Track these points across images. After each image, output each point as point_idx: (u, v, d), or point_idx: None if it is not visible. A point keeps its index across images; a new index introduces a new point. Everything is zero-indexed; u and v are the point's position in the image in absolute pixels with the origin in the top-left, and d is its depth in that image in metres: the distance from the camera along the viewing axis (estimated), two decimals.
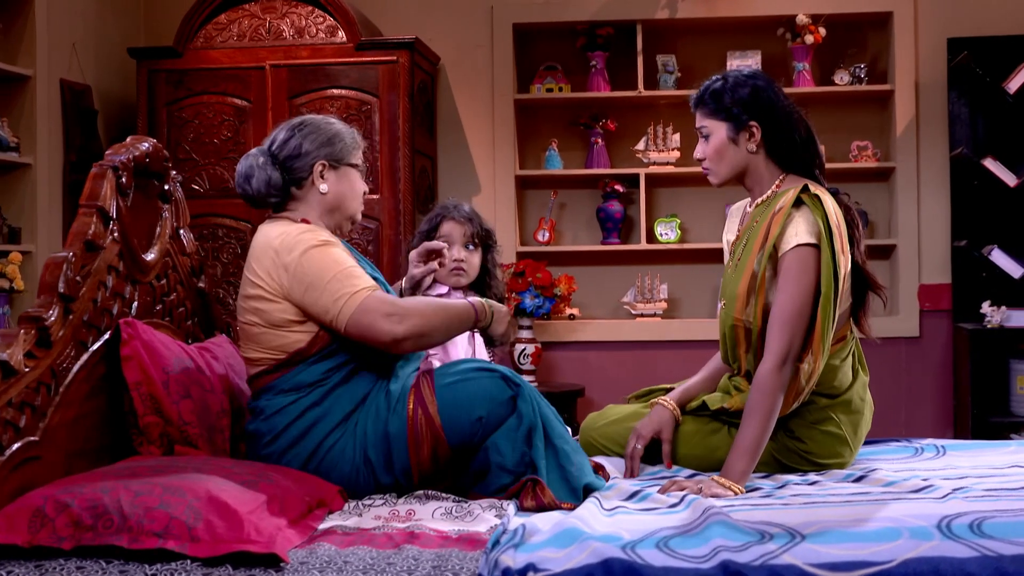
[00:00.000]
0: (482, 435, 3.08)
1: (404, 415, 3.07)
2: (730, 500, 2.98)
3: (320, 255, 3.07)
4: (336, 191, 3.27)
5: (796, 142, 3.40)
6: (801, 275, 3.25)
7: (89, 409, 3.02)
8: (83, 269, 3.00)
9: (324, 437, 3.09)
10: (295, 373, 3.10)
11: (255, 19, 5.97)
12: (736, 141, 3.40)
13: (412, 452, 3.06)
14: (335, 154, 3.26)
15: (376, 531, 2.74)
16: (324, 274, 3.05)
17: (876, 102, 6.44)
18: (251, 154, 3.24)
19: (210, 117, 5.94)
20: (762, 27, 6.41)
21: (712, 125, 3.42)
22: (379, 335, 3.04)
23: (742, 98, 3.37)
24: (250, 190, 3.20)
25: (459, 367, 3.18)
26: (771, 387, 3.22)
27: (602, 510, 2.89)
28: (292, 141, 3.23)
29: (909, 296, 6.28)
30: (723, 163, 3.44)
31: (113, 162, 3.15)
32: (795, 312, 3.24)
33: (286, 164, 3.22)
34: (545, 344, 6.33)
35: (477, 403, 3.07)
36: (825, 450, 3.40)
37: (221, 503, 2.57)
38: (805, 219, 3.28)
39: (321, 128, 3.27)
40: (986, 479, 3.19)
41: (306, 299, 3.06)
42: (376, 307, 3.04)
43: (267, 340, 3.12)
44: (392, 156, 5.84)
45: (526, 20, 6.45)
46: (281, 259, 3.08)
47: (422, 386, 3.11)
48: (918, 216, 6.26)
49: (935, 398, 6.30)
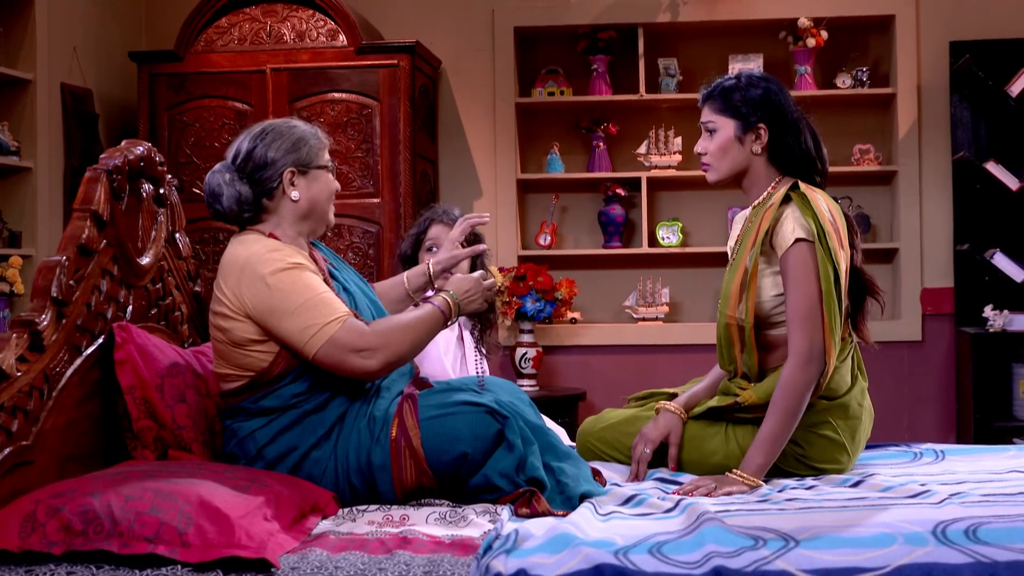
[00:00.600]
0: (467, 470, 3.03)
1: (387, 445, 3.02)
2: (726, 504, 2.96)
3: (289, 278, 2.99)
4: (308, 196, 3.15)
5: (801, 149, 3.41)
6: (806, 272, 3.25)
7: (83, 414, 3.02)
8: (76, 273, 3.00)
9: (301, 459, 3.05)
10: (261, 396, 3.05)
11: (256, 23, 5.97)
12: (742, 140, 3.41)
13: (396, 482, 3.02)
14: (302, 159, 3.14)
15: (369, 536, 2.73)
16: (292, 299, 2.97)
17: (878, 105, 6.42)
18: (216, 170, 3.12)
19: (211, 121, 5.94)
20: (764, 30, 6.39)
21: (720, 121, 3.43)
22: (352, 371, 3.00)
23: (754, 99, 3.39)
24: (221, 208, 3.09)
25: (445, 398, 3.10)
26: (796, 384, 3.22)
27: (597, 515, 2.88)
28: (257, 151, 3.11)
29: (911, 300, 6.26)
30: (725, 160, 3.44)
31: (107, 166, 3.14)
32: (810, 309, 3.24)
33: (253, 176, 3.10)
34: (546, 348, 6.32)
35: (461, 440, 3.01)
36: (822, 455, 3.38)
37: (212, 508, 2.56)
38: (795, 216, 3.29)
39: (284, 134, 3.15)
40: (984, 484, 3.17)
41: (270, 321, 2.98)
42: (346, 342, 2.97)
43: (232, 357, 3.06)
44: (393, 160, 5.84)
45: (527, 23, 6.44)
46: (246, 278, 2.99)
47: (405, 415, 3.05)
48: (920, 220, 6.24)
49: (937, 402, 6.27)
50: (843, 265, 3.29)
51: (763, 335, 3.40)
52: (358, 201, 5.83)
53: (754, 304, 3.33)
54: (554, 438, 3.20)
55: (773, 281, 3.37)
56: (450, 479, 3.04)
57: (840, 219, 3.37)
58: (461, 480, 3.04)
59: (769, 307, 3.37)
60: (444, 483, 3.04)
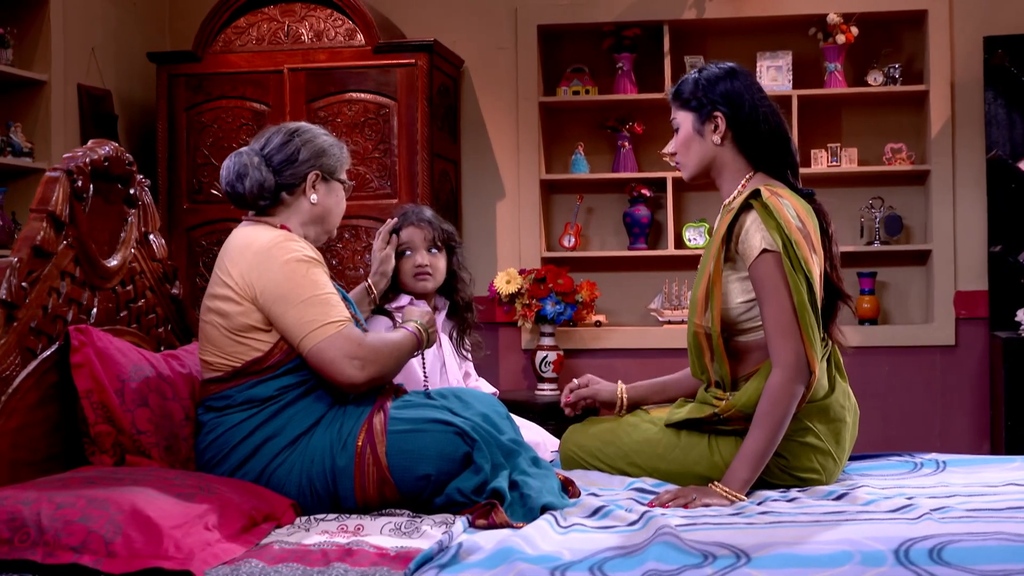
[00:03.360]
0: (431, 491, 2.97)
1: (352, 451, 2.98)
2: (695, 517, 2.85)
3: (303, 270, 3.02)
4: (324, 203, 3.22)
5: (762, 134, 3.28)
6: (776, 283, 3.14)
7: (38, 418, 2.97)
8: (30, 275, 2.94)
9: (273, 457, 3.01)
10: (249, 385, 3.03)
11: (274, 23, 5.92)
12: (701, 132, 3.32)
13: (358, 489, 2.98)
14: (328, 166, 3.22)
15: (314, 547, 2.66)
16: (300, 292, 2.99)
17: (911, 103, 6.24)
18: (243, 152, 3.16)
19: (229, 121, 5.90)
20: (792, 27, 6.24)
21: (681, 116, 3.36)
22: (339, 375, 3.00)
23: (707, 88, 3.30)
24: (241, 189, 3.13)
25: (417, 413, 3.05)
26: (783, 396, 3.11)
27: (556, 528, 2.78)
28: (289, 146, 3.17)
29: (945, 303, 6.07)
30: (690, 155, 3.36)
31: (67, 166, 3.09)
32: (787, 319, 3.13)
33: (280, 168, 3.16)
34: (569, 351, 6.21)
35: (426, 459, 2.96)
36: (805, 463, 3.26)
37: (143, 517, 2.49)
38: (757, 226, 3.18)
39: (317, 138, 3.22)
40: (974, 498, 3.04)
41: (276, 308, 3.00)
42: (343, 346, 2.99)
43: (225, 345, 3.05)
44: (410, 160, 5.77)
45: (551, 21, 6.34)
46: (260, 262, 3.02)
47: (374, 424, 3.02)
48: (954, 220, 6.05)
49: (971, 409, 6.08)
50: (816, 272, 3.18)
51: (733, 342, 3.30)
52: (375, 202, 5.77)
53: (719, 311, 3.24)
54: (525, 453, 3.11)
55: (741, 287, 3.27)
56: (413, 496, 2.99)
57: (811, 221, 3.26)
58: (425, 500, 2.99)
59: (737, 314, 3.27)
60: (407, 498, 2.99)
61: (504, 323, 6.29)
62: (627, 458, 3.43)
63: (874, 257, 6.21)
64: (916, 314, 6.28)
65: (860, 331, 6.11)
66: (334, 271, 5.76)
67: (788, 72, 6.16)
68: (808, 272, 3.13)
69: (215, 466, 3.04)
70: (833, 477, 3.32)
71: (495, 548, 2.53)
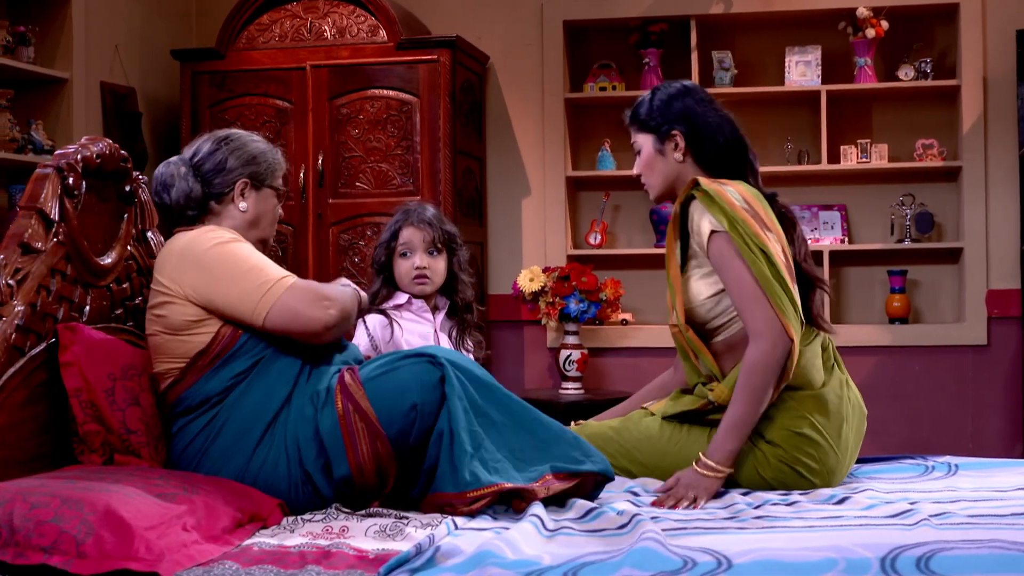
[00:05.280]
0: (420, 425, 2.91)
1: (335, 414, 2.93)
2: (685, 520, 2.81)
3: (230, 250, 3.01)
4: (255, 211, 3.22)
5: (720, 145, 3.38)
6: (730, 259, 3.20)
7: (26, 416, 2.94)
8: (18, 273, 2.92)
9: (250, 456, 2.97)
10: (203, 381, 3.00)
11: (297, 19, 5.91)
12: (663, 152, 3.41)
13: (350, 453, 2.92)
14: (259, 174, 3.21)
15: (294, 549, 2.62)
16: (237, 266, 2.98)
17: (942, 98, 6.12)
18: (171, 162, 3.17)
19: (252, 119, 5.88)
20: (822, 21, 6.14)
21: (640, 139, 3.45)
22: (311, 323, 2.97)
23: (661, 109, 3.40)
24: (167, 199, 3.14)
25: (383, 359, 3.04)
26: (757, 364, 3.13)
27: (543, 529, 2.73)
28: (217, 155, 3.18)
29: (977, 302, 5.95)
30: (655, 175, 3.44)
31: (58, 163, 3.07)
32: (748, 291, 3.18)
33: (207, 177, 3.17)
34: (594, 350, 6.15)
35: (409, 390, 2.92)
36: (802, 456, 3.22)
37: (116, 517, 2.46)
38: (702, 210, 3.25)
39: (247, 146, 3.22)
40: (979, 503, 2.96)
41: (215, 294, 2.97)
42: (303, 294, 2.98)
43: (171, 348, 3.03)
44: (433, 157, 5.73)
45: (577, 17, 6.28)
46: (185, 259, 3.00)
47: (347, 381, 2.97)
48: (986, 218, 5.93)
49: (1004, 410, 5.96)
50: (772, 246, 3.20)
51: (714, 343, 3.34)
52: (397, 199, 5.71)
53: (683, 307, 3.31)
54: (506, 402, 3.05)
55: (706, 283, 3.32)
56: (402, 439, 2.92)
57: (759, 203, 3.28)
58: (416, 443, 2.93)
59: (707, 309, 3.32)
60: (399, 447, 2.92)
61: (529, 321, 6.24)
62: (629, 455, 3.42)
63: (905, 255, 6.10)
64: (947, 313, 6.17)
65: (890, 330, 6.01)
66: (357, 268, 5.75)
67: (817, 67, 6.07)
68: (762, 246, 3.16)
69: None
70: (835, 476, 3.26)
71: (474, 552, 2.48)
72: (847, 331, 6.04)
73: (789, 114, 6.26)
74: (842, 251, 6.10)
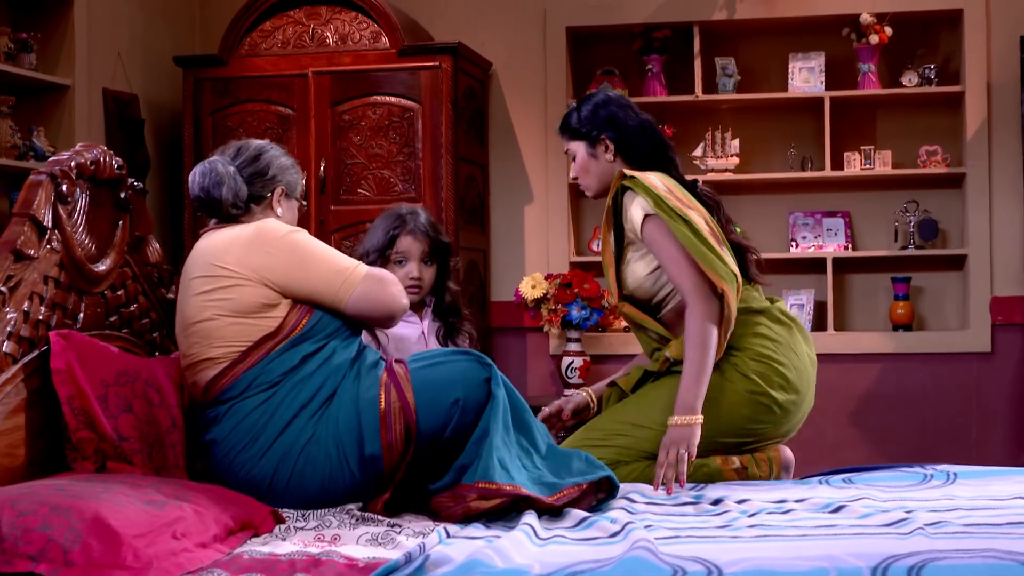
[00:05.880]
0: (459, 420, 3.02)
1: (377, 396, 3.03)
2: (677, 529, 2.80)
3: (305, 238, 3.15)
4: (286, 218, 3.32)
5: (644, 144, 3.77)
6: (663, 237, 3.58)
7: (18, 423, 2.94)
8: (10, 280, 2.92)
9: (299, 433, 3.03)
10: (267, 361, 3.06)
11: (299, 26, 5.90)
12: (595, 155, 3.79)
13: (383, 432, 3.01)
14: (291, 184, 3.35)
15: (283, 558, 2.61)
16: (310, 256, 3.11)
17: (946, 104, 6.11)
18: (216, 161, 3.25)
19: (254, 125, 5.88)
20: (825, 27, 6.13)
21: (574, 146, 3.82)
22: (393, 304, 3.18)
23: (588, 118, 3.78)
24: (217, 195, 3.20)
25: (432, 352, 3.20)
26: (697, 316, 3.51)
27: (535, 538, 2.73)
28: (260, 161, 3.29)
29: (981, 309, 5.93)
30: (590, 176, 3.82)
31: (51, 170, 3.07)
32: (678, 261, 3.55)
33: (250, 180, 3.26)
34: (597, 357, 6.13)
35: (454, 386, 3.04)
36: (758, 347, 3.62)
37: (104, 525, 2.45)
38: (633, 199, 3.64)
39: (281, 157, 3.36)
40: (975, 512, 2.95)
41: (298, 275, 3.09)
42: (380, 279, 3.17)
43: (232, 332, 3.07)
44: (435, 164, 5.72)
45: (580, 23, 6.27)
46: (256, 247, 3.09)
47: (395, 369, 3.10)
48: (990, 224, 5.91)
49: (1008, 418, 5.93)
50: (694, 215, 3.56)
51: (662, 315, 3.74)
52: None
53: (616, 288, 3.76)
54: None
55: (643, 263, 3.70)
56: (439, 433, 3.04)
57: (678, 189, 3.66)
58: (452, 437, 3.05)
59: (649, 285, 3.72)
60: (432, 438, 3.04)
61: (531, 328, 6.23)
62: (616, 451, 3.61)
63: (909, 262, 6.08)
64: (952, 320, 6.14)
65: (894, 337, 5.99)
66: None
67: (821, 73, 6.06)
68: (684, 216, 3.53)
69: (240, 452, 3.04)
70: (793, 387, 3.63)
71: (464, 560, 2.47)
72: (850, 338, 6.02)
73: (792, 120, 6.25)
74: (846, 258, 6.09)
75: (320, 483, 3.04)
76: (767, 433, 3.67)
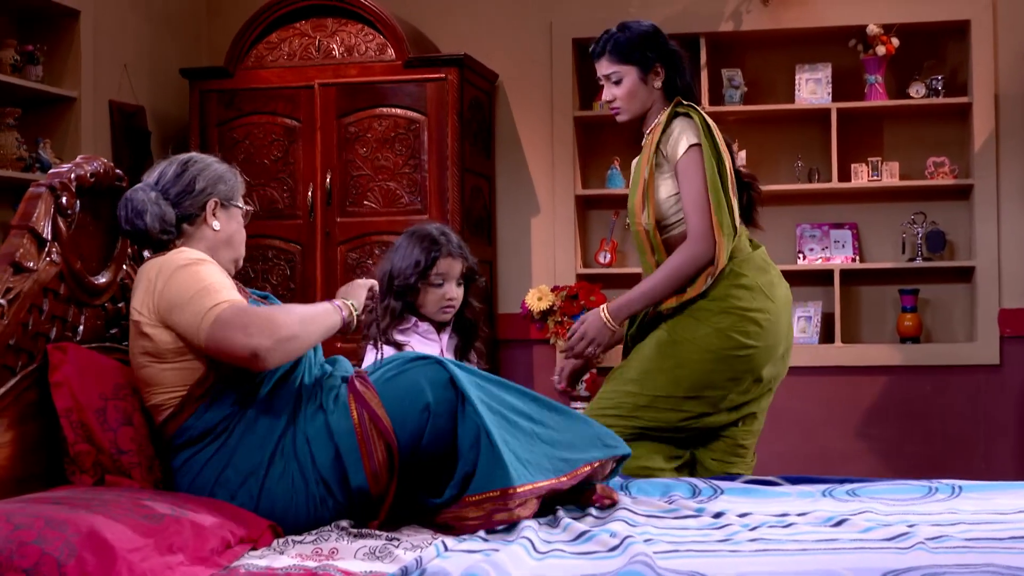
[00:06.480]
0: (433, 426, 2.93)
1: (350, 422, 2.93)
2: (677, 543, 2.77)
3: (186, 274, 2.94)
4: (226, 229, 3.19)
5: (687, 79, 3.99)
6: (695, 173, 3.78)
7: (15, 436, 2.93)
8: (9, 292, 2.91)
9: (262, 480, 2.94)
10: (201, 412, 2.95)
11: (305, 38, 5.91)
12: (645, 81, 3.92)
13: (366, 461, 2.92)
14: (225, 192, 3.19)
15: (281, 571, 2.59)
16: (187, 291, 2.91)
17: (953, 116, 6.09)
18: (139, 189, 3.12)
19: (260, 137, 5.90)
20: (832, 38, 6.12)
21: (624, 70, 3.92)
22: (236, 350, 2.84)
23: (646, 45, 3.92)
24: (142, 226, 3.07)
25: (388, 363, 3.06)
26: (684, 253, 3.76)
27: (533, 552, 2.70)
28: (184, 177, 3.14)
29: (989, 321, 5.90)
30: (635, 102, 3.95)
31: (51, 182, 3.06)
32: (698, 200, 3.76)
33: (177, 200, 3.12)
34: (604, 370, 6.10)
35: (421, 391, 2.94)
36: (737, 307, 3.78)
37: (100, 539, 2.44)
38: (686, 125, 3.84)
39: (211, 166, 3.20)
40: (979, 526, 2.92)
41: (171, 318, 2.92)
42: (232, 319, 2.85)
43: (164, 378, 2.97)
44: (440, 175, 5.72)
45: (586, 34, 6.25)
46: (153, 283, 2.95)
47: (359, 388, 2.98)
48: (998, 236, 5.89)
49: (1017, 430, 5.90)
50: (727, 161, 3.81)
51: (666, 239, 3.87)
52: (405, 218, 5.72)
53: (654, 210, 3.85)
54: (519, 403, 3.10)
55: (666, 185, 3.86)
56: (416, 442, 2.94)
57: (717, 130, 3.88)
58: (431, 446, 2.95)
59: (665, 208, 3.86)
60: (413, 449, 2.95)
61: (538, 340, 6.22)
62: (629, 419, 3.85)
63: (916, 274, 6.06)
64: (959, 332, 6.12)
65: (902, 350, 5.97)
66: None
67: (828, 85, 6.05)
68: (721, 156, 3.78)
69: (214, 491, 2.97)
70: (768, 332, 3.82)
71: (461, 574, 2.46)
72: (858, 350, 6.00)
73: (799, 132, 6.23)
74: (853, 270, 6.07)
75: (306, 517, 2.96)
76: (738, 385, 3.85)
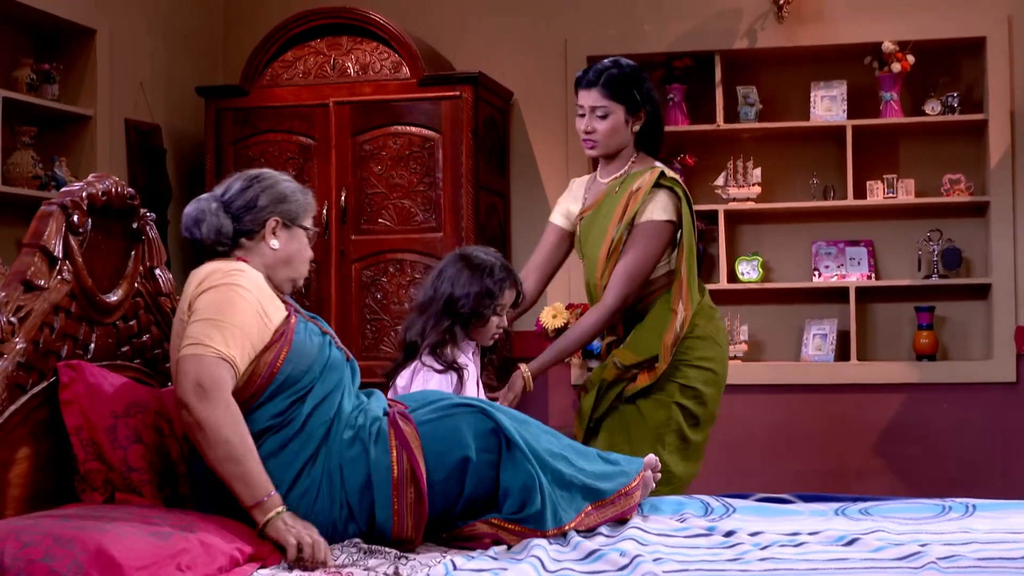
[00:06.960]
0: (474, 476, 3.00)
1: (388, 458, 2.96)
2: (687, 562, 2.77)
3: (220, 295, 2.94)
4: (286, 249, 3.17)
5: (662, 130, 4.06)
6: (650, 243, 3.86)
7: (25, 454, 2.94)
8: (20, 310, 2.92)
9: (287, 494, 2.94)
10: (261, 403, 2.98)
11: (320, 56, 5.93)
12: (628, 123, 3.96)
13: (395, 500, 2.95)
14: (290, 213, 3.18)
15: None
16: (207, 311, 2.92)
17: (969, 132, 6.07)
18: (202, 199, 3.15)
19: (275, 155, 5.90)
20: (847, 55, 6.10)
21: (612, 106, 3.92)
22: (180, 390, 2.86)
23: (636, 86, 3.94)
24: (198, 233, 3.10)
25: (433, 402, 3.12)
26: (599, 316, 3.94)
27: (542, 570, 2.71)
28: (248, 192, 3.15)
29: (1005, 339, 5.87)
30: (614, 140, 3.96)
31: (63, 200, 3.07)
32: (638, 271, 3.89)
33: (238, 215, 3.14)
34: None
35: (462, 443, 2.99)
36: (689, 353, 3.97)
37: (107, 557, 2.44)
38: (665, 199, 3.89)
39: (278, 184, 3.19)
40: (990, 546, 2.89)
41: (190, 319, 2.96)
42: (203, 370, 2.85)
43: None
44: (455, 193, 5.72)
45: (601, 52, 6.24)
46: (196, 286, 2.98)
47: (401, 425, 3.01)
48: (1014, 253, 5.86)
49: None
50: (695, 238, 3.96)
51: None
52: (419, 236, 5.74)
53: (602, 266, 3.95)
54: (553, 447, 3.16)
55: None
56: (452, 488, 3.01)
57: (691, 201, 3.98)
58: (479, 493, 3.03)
59: None
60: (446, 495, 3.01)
61: None
62: None
63: (932, 291, 6.03)
64: (976, 350, 6.08)
65: (918, 367, 5.94)
66: (379, 304, 5.74)
67: (843, 102, 6.03)
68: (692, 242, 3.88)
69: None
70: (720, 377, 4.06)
71: None
72: (873, 368, 5.97)
73: (814, 149, 6.22)
74: (869, 287, 6.04)
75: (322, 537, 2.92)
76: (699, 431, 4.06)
